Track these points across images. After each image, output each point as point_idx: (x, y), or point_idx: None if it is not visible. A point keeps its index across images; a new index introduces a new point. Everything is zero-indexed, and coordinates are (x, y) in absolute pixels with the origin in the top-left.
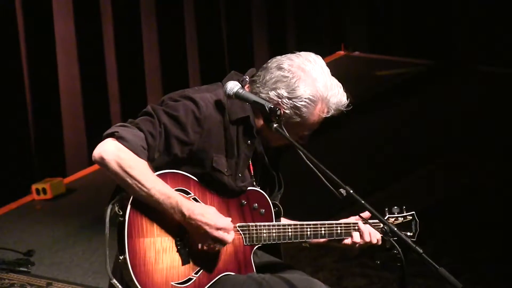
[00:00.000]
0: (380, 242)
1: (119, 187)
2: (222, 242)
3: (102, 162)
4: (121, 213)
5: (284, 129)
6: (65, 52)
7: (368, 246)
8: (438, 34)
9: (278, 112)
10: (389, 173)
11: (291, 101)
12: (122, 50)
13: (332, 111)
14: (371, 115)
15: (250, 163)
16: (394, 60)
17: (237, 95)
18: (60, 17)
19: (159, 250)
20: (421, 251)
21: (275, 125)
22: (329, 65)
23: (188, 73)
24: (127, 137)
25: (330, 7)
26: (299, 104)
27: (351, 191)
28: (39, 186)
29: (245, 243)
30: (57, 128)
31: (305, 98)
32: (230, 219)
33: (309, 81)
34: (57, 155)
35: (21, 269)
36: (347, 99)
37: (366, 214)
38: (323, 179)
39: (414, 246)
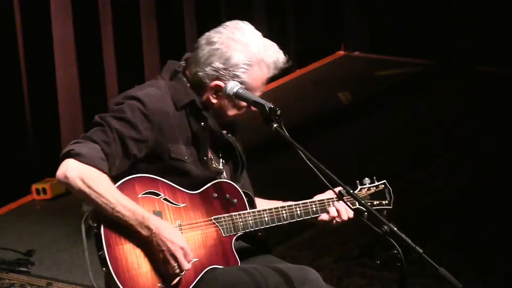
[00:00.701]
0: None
1: None
2: (179, 265)
3: (66, 181)
4: (95, 225)
5: (284, 129)
6: (63, 52)
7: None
8: (438, 34)
9: (278, 112)
10: (389, 173)
11: (229, 71)
12: (121, 50)
13: (272, 70)
14: (371, 115)
15: (208, 146)
16: (394, 60)
17: (237, 95)
18: (58, 16)
19: (140, 255)
20: (421, 251)
21: (275, 125)
22: (329, 65)
23: None
24: (83, 153)
25: (330, 7)
26: (237, 72)
27: (351, 191)
28: (39, 186)
29: (224, 234)
30: (56, 128)
31: (242, 65)
32: (191, 254)
33: (240, 47)
34: (57, 155)
35: (21, 269)
36: (285, 55)
37: (339, 189)
38: (323, 178)
39: (414, 246)
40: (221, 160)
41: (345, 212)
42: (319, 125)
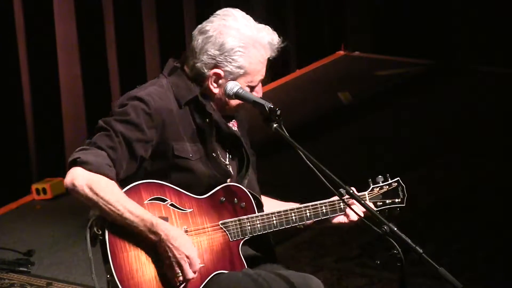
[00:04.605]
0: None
1: None
2: (183, 273)
3: (74, 189)
4: (100, 232)
5: (284, 129)
6: (66, 52)
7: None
8: (438, 34)
9: (278, 112)
10: (388, 173)
11: (225, 57)
12: (123, 50)
13: (269, 51)
14: (371, 115)
15: (214, 142)
16: (394, 60)
17: (237, 95)
18: (61, 17)
19: (145, 262)
20: (421, 251)
21: (275, 125)
22: (329, 65)
23: None
24: (90, 161)
25: (331, 7)
26: (234, 56)
27: (351, 191)
28: (39, 186)
29: (231, 239)
30: (58, 128)
31: (237, 48)
32: (199, 261)
33: (233, 32)
34: (58, 155)
35: (21, 269)
36: (279, 37)
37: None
38: (323, 179)
39: (414, 246)
40: (227, 155)
41: (360, 211)
42: (319, 125)
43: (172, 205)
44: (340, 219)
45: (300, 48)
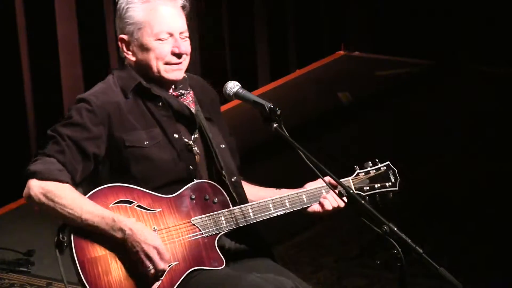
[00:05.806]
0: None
1: None
2: (154, 265)
3: (31, 199)
4: (65, 239)
5: (284, 129)
6: (68, 52)
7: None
8: (438, 34)
9: (278, 112)
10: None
11: (121, 20)
12: None
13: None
14: (371, 115)
15: (174, 123)
16: (394, 60)
17: (236, 95)
18: (62, 17)
19: (114, 264)
20: (421, 251)
21: (275, 125)
22: (329, 65)
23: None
24: (39, 170)
25: (330, 7)
26: (126, 14)
27: (351, 191)
28: None
29: (205, 235)
30: None
31: (126, 6)
32: (169, 253)
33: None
34: None
35: (21, 269)
36: None
37: (328, 178)
38: (323, 179)
39: (414, 246)
40: (191, 134)
41: (334, 200)
42: (319, 125)
43: (139, 206)
44: (315, 208)
45: (300, 48)
